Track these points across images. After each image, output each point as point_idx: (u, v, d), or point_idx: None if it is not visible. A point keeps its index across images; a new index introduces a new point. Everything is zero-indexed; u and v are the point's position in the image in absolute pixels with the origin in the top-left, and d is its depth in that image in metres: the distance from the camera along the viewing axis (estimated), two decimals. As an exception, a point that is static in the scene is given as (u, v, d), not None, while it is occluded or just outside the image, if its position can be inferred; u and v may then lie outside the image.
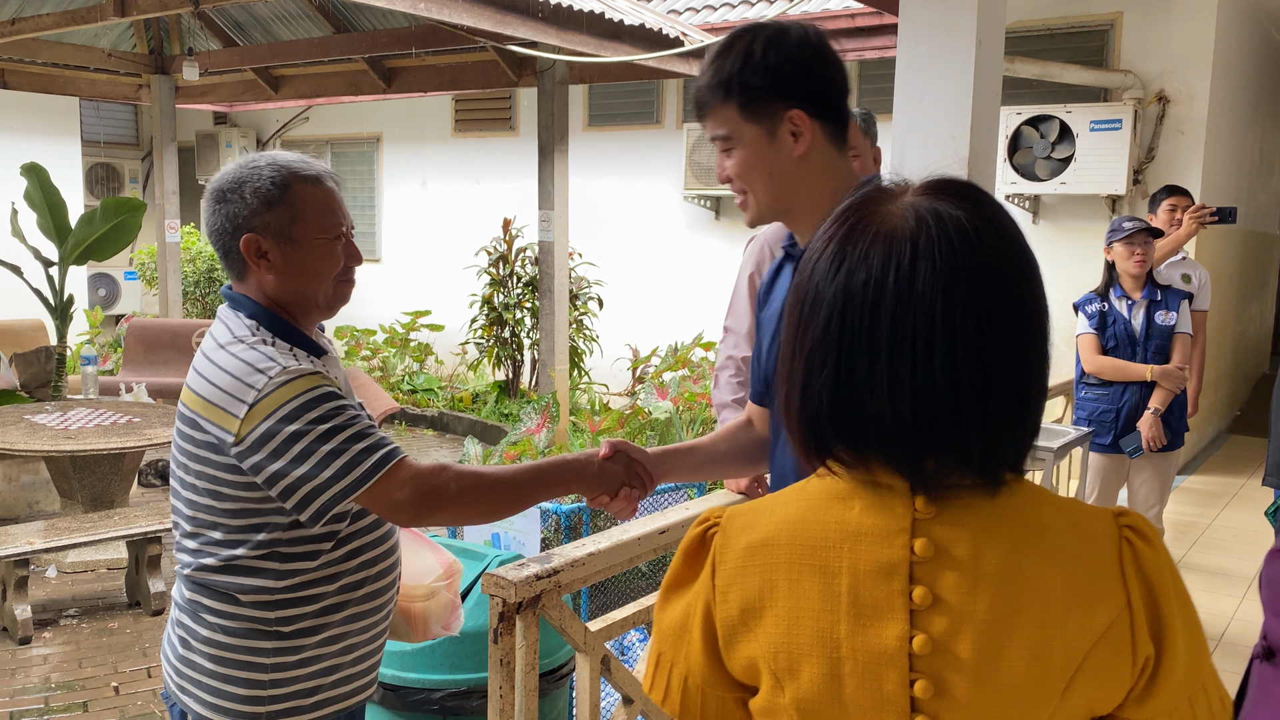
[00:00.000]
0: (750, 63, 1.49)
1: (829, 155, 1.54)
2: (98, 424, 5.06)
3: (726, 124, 1.52)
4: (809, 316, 0.92)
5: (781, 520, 0.94)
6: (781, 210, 1.57)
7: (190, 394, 1.57)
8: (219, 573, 1.58)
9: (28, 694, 3.83)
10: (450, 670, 2.45)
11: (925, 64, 3.52)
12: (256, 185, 1.59)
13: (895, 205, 0.91)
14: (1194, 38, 6.77)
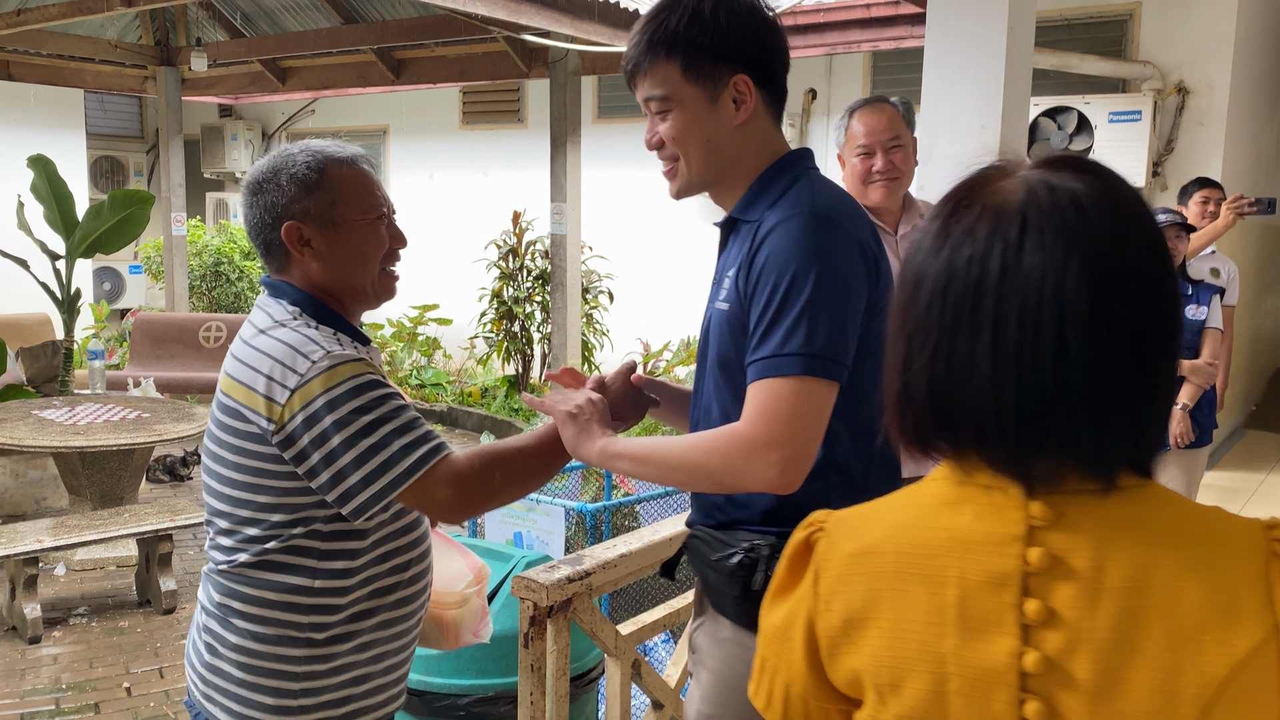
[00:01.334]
0: (699, 20, 1.42)
1: (766, 127, 1.48)
2: (106, 419, 4.99)
3: (666, 84, 1.44)
4: (912, 297, 0.87)
5: (889, 526, 0.89)
6: (711, 180, 1.50)
7: (229, 381, 1.50)
8: (254, 569, 1.51)
9: (38, 695, 3.76)
10: (477, 675, 2.38)
11: (955, 51, 3.44)
12: (292, 172, 1.54)
13: (1007, 180, 0.85)
14: (1214, 28, 6.68)
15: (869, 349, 1.38)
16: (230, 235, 10.12)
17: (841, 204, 1.42)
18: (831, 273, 1.33)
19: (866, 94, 8.15)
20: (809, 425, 1.31)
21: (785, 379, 1.31)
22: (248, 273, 9.94)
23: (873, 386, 1.44)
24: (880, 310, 1.41)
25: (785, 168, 1.47)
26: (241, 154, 11.33)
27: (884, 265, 1.43)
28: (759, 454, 1.30)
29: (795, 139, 8.25)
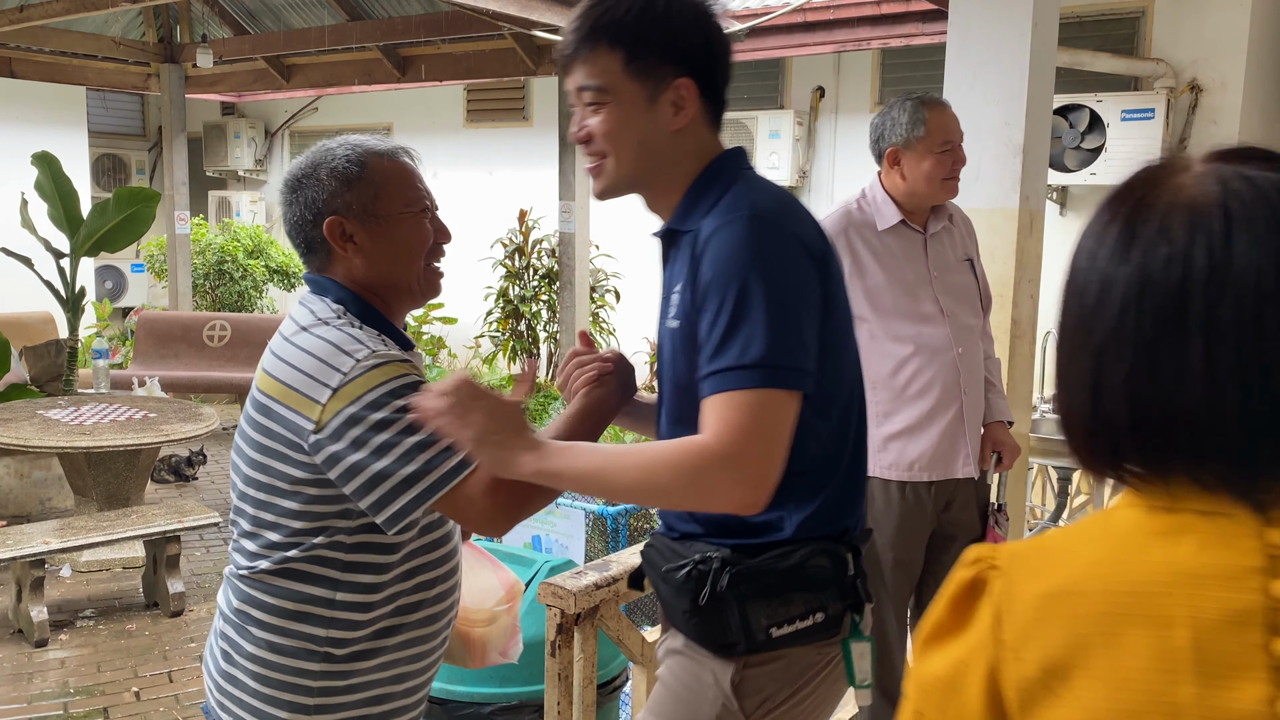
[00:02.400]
0: (650, 14, 1.35)
1: (704, 135, 1.42)
2: (112, 419, 4.94)
3: (604, 75, 1.35)
4: (1095, 308, 0.78)
5: (1087, 563, 0.78)
6: (639, 184, 1.43)
7: (267, 379, 1.45)
8: (274, 576, 1.46)
9: (46, 699, 3.71)
10: (500, 683, 2.32)
11: (978, 47, 3.39)
12: (333, 166, 1.49)
13: (1185, 176, 0.78)
14: (1227, 25, 6.63)
15: (827, 348, 1.34)
16: (233, 234, 10.06)
17: (781, 204, 1.36)
18: (781, 276, 1.27)
19: (876, 93, 8.12)
20: (776, 440, 1.24)
21: (748, 392, 1.23)
22: (251, 271, 9.88)
23: (833, 385, 1.38)
24: (834, 308, 1.36)
25: (719, 172, 1.40)
26: (244, 152, 11.28)
27: (833, 262, 1.38)
28: (726, 471, 1.22)
29: (803, 137, 8.19)
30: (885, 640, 2.70)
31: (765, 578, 1.34)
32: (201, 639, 4.24)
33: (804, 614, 1.37)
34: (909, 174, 2.56)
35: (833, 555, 1.39)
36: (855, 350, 1.46)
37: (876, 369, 2.55)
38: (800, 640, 1.39)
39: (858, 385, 1.46)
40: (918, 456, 2.56)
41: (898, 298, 2.54)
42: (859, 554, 1.44)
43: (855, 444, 1.45)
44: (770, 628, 1.35)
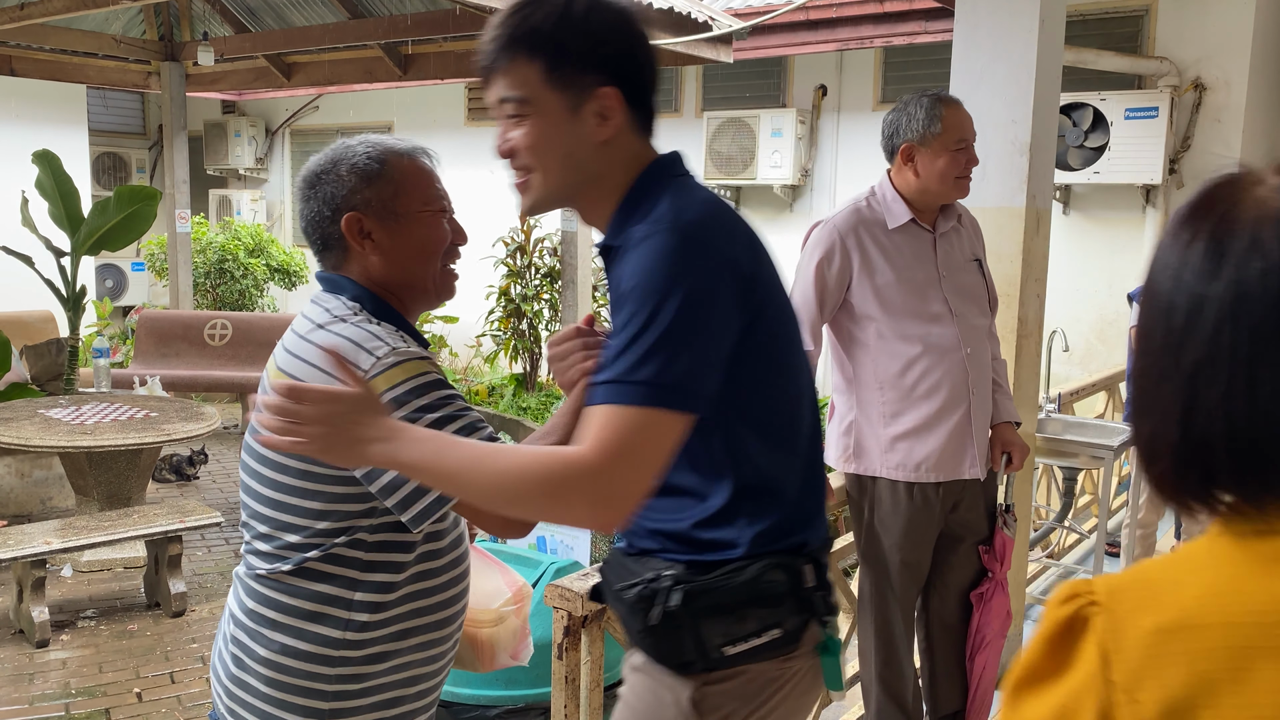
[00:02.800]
0: (568, 21, 1.29)
1: (633, 145, 1.36)
2: (114, 419, 4.92)
3: (524, 86, 1.30)
4: (1186, 328, 0.75)
5: (1200, 594, 0.74)
6: (568, 198, 1.38)
7: (281, 377, 1.43)
8: (293, 576, 1.43)
9: (47, 700, 3.69)
10: (506, 686, 2.31)
11: (985, 44, 3.37)
12: (353, 162, 1.49)
13: (1263, 189, 0.75)
14: (1231, 23, 6.61)
15: (758, 365, 1.30)
16: (234, 232, 10.05)
17: (711, 215, 1.30)
18: (693, 295, 1.21)
19: (878, 92, 8.10)
20: (647, 461, 1.19)
21: (629, 408, 1.18)
22: (252, 270, 9.86)
23: (771, 402, 1.33)
24: (763, 324, 1.30)
25: (650, 181, 1.35)
26: (245, 150, 11.26)
27: (762, 277, 1.31)
28: (588, 487, 1.17)
29: (805, 136, 8.17)
30: (892, 641, 2.68)
31: (717, 595, 1.31)
32: (204, 639, 4.23)
33: (758, 630, 1.33)
34: (923, 171, 2.53)
35: (788, 569, 1.35)
36: (803, 363, 1.42)
37: (884, 368, 2.54)
38: (758, 656, 1.35)
39: (806, 398, 1.42)
40: (925, 457, 2.55)
41: (906, 297, 2.52)
42: (821, 566, 1.40)
43: (809, 457, 1.41)
44: (724, 645, 1.32)
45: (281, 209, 11.57)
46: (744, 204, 8.77)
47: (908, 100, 2.58)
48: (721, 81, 8.69)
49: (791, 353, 1.38)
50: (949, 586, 2.72)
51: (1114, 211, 7.13)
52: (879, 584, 2.66)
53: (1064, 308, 6.62)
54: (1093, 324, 7.23)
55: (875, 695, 2.73)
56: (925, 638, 2.79)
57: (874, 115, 8.04)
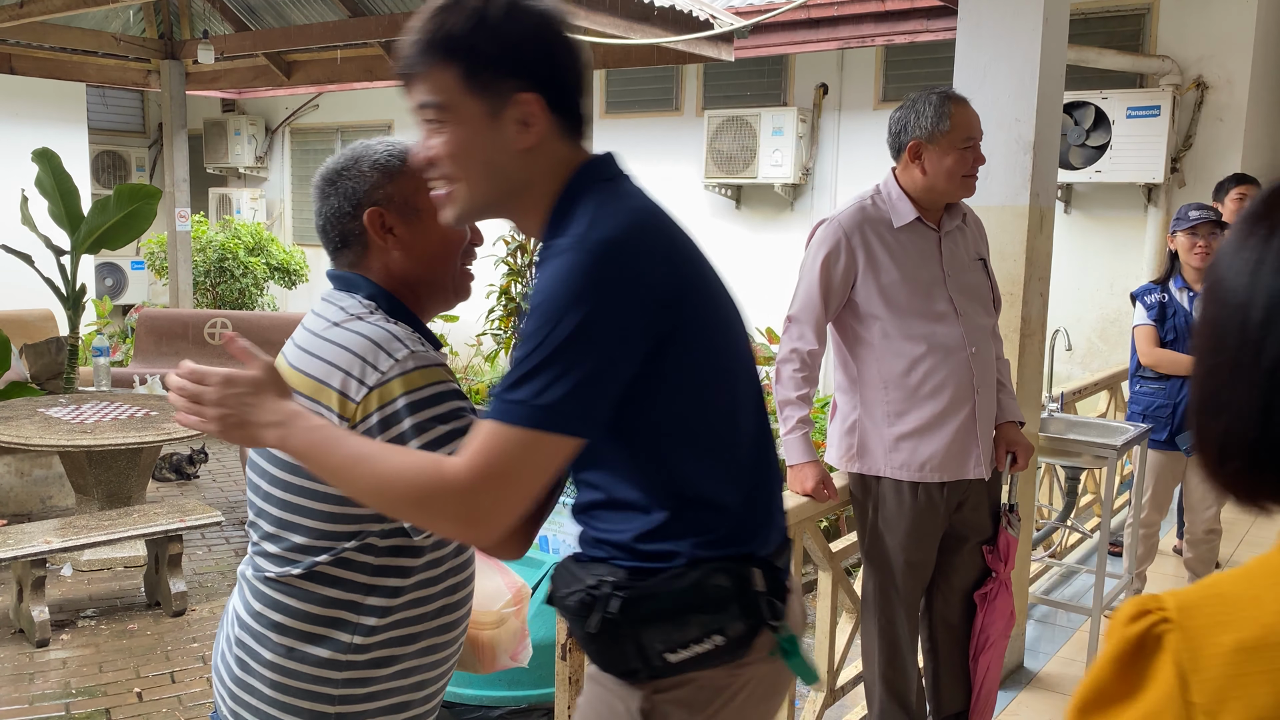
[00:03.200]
0: (484, 25, 1.25)
1: (561, 151, 1.31)
2: (114, 417, 4.91)
3: (443, 92, 1.26)
4: (1265, 326, 0.74)
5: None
6: (494, 207, 1.33)
7: (295, 374, 1.40)
8: (303, 580, 1.41)
9: (47, 700, 3.68)
10: (509, 686, 2.30)
11: (989, 43, 3.36)
12: (375, 159, 1.48)
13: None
14: (1233, 22, 6.60)
15: (688, 378, 1.26)
16: (234, 231, 10.03)
17: (629, 230, 1.24)
18: (594, 318, 1.17)
19: (880, 90, 8.09)
20: (520, 483, 1.18)
21: (510, 427, 1.17)
22: (252, 269, 9.85)
23: (701, 416, 1.28)
24: (687, 337, 1.25)
25: (578, 189, 1.30)
26: (244, 149, 11.24)
27: (686, 291, 1.26)
28: (455, 500, 1.18)
29: (806, 134, 8.16)
30: (896, 642, 2.67)
31: (657, 601, 1.28)
32: (204, 639, 4.22)
33: (700, 637, 1.29)
34: (930, 168, 2.51)
35: (732, 574, 1.30)
36: (742, 370, 1.36)
37: (889, 368, 2.53)
38: (706, 663, 1.31)
39: (745, 407, 1.36)
40: (929, 457, 2.53)
41: (912, 296, 2.51)
42: (775, 569, 1.36)
43: (755, 463, 1.37)
44: (665, 652, 1.28)
45: (281, 207, 11.55)
46: (745, 203, 8.75)
47: (916, 97, 2.56)
48: (722, 80, 8.68)
49: (727, 363, 1.33)
50: (953, 586, 2.71)
51: (1115, 210, 7.12)
52: (883, 584, 2.65)
53: (1065, 307, 6.61)
54: (1094, 323, 7.22)
55: (878, 695, 2.72)
56: (929, 638, 2.78)
57: (875, 114, 8.03)
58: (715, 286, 1.35)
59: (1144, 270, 6.96)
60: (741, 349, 1.37)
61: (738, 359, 1.36)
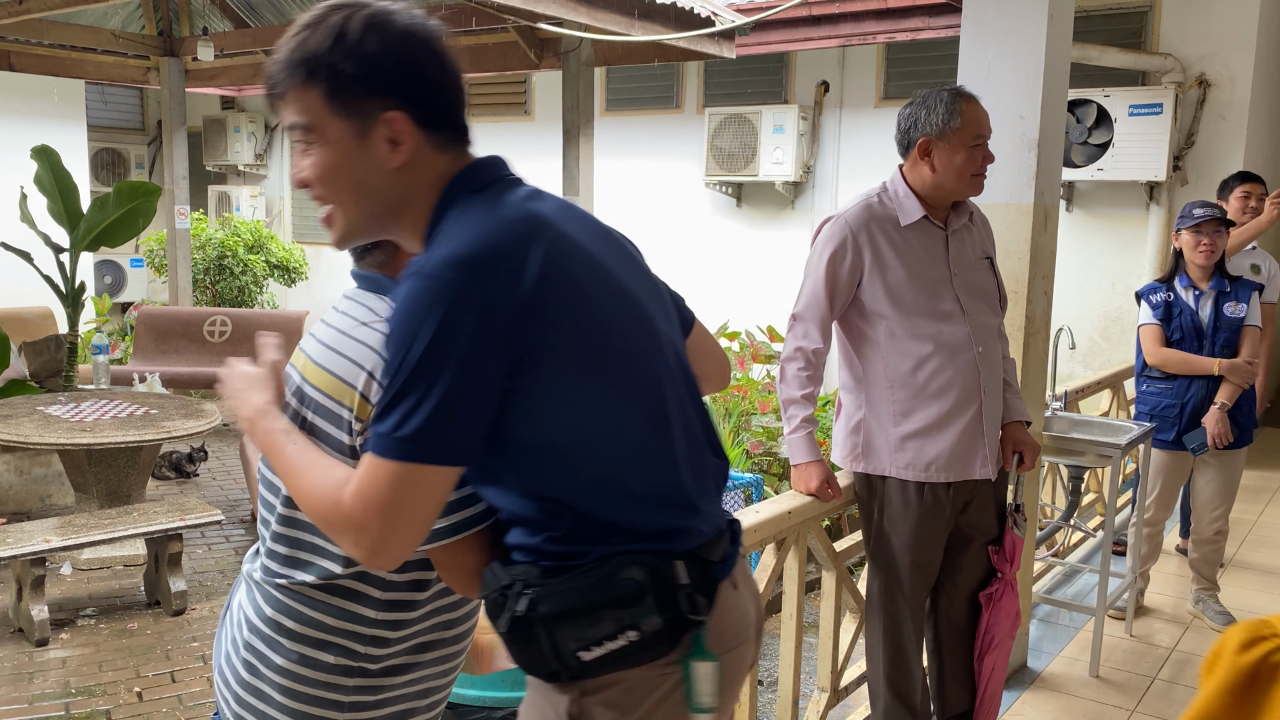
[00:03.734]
0: (343, 44, 1.21)
1: (437, 165, 1.26)
2: (114, 416, 4.89)
3: (309, 113, 1.23)
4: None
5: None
6: (375, 229, 1.30)
7: (318, 371, 1.37)
8: (316, 589, 1.38)
9: (47, 699, 3.67)
10: (512, 687, 2.28)
11: (993, 39, 3.34)
12: None
13: None
14: (1236, 19, 6.58)
15: (566, 391, 1.21)
16: (234, 228, 10.01)
17: (480, 243, 1.18)
18: (439, 343, 1.14)
19: (881, 88, 8.07)
20: (401, 514, 1.17)
21: (384, 461, 1.16)
22: (251, 266, 9.83)
23: (580, 433, 1.22)
24: (556, 351, 1.20)
25: (445, 205, 1.26)
26: (244, 146, 11.22)
27: (551, 303, 1.19)
28: (348, 531, 1.19)
29: (807, 132, 8.14)
30: (901, 643, 2.66)
31: (566, 597, 1.23)
32: (204, 638, 4.20)
33: (613, 633, 1.23)
34: (940, 166, 2.49)
35: (649, 567, 1.24)
36: (641, 371, 1.29)
37: (895, 367, 2.51)
38: (626, 662, 1.25)
39: (645, 408, 1.29)
40: (935, 457, 2.52)
41: (918, 295, 2.49)
42: (703, 561, 1.30)
43: (677, 462, 1.31)
44: (579, 650, 1.23)
45: (281, 205, 11.53)
46: (745, 201, 8.74)
47: (927, 94, 2.53)
48: (723, 77, 8.66)
49: (618, 368, 1.26)
50: (958, 587, 2.70)
51: (1117, 209, 7.11)
52: (888, 585, 2.63)
53: (1067, 305, 6.59)
54: (1095, 321, 7.21)
55: (883, 696, 2.70)
56: (934, 638, 2.77)
57: (876, 112, 8.01)
58: (608, 291, 1.28)
59: (1146, 268, 6.95)
60: (634, 353, 1.29)
61: (643, 359, 1.30)
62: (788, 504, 2.64)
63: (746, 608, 1.39)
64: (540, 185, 1.35)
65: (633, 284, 1.34)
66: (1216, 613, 4.00)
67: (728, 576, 1.36)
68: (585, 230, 1.32)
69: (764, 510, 2.57)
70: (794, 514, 2.62)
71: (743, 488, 4.43)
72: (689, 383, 1.40)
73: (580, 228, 1.31)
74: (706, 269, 8.79)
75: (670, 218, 9.01)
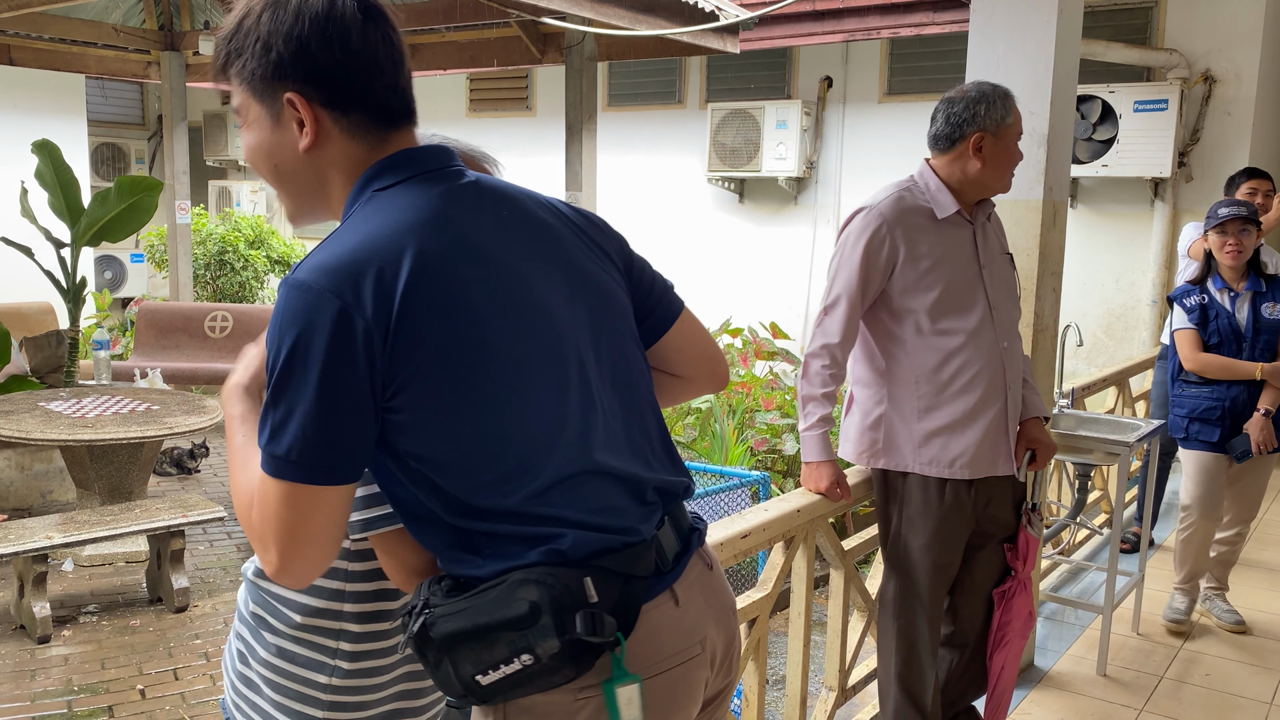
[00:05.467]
0: (243, 27, 1.21)
1: (352, 153, 1.22)
2: (115, 412, 4.87)
3: (236, 96, 1.24)
4: None
5: None
6: (306, 212, 1.28)
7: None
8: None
9: (50, 697, 3.65)
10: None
11: (1002, 35, 3.32)
12: None
13: None
14: (1241, 15, 6.55)
15: (446, 409, 1.14)
16: (234, 224, 9.98)
17: (349, 252, 1.12)
18: (296, 357, 1.09)
19: (884, 83, 8.04)
20: (297, 532, 1.12)
21: (270, 480, 1.12)
22: (252, 262, 9.80)
23: (470, 443, 1.15)
24: (418, 363, 1.12)
25: (354, 199, 1.22)
26: (245, 141, 11.19)
27: (420, 314, 1.12)
28: (259, 544, 1.15)
29: (810, 128, 8.11)
30: (915, 644, 2.63)
31: (460, 617, 1.16)
32: (207, 635, 4.18)
33: (508, 657, 1.14)
34: (989, 161, 2.49)
35: (546, 584, 1.15)
36: (535, 383, 1.20)
37: (922, 361, 2.49)
38: (527, 687, 1.17)
39: (540, 422, 1.20)
40: (960, 453, 2.49)
41: (950, 289, 2.48)
42: (615, 577, 1.20)
43: (589, 472, 1.23)
44: (476, 675, 1.15)
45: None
46: (748, 196, 8.71)
47: (978, 93, 2.52)
48: (726, 73, 8.63)
49: (505, 381, 1.18)
50: (975, 584, 2.68)
51: (1122, 205, 7.08)
52: (905, 584, 2.61)
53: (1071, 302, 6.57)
54: (1100, 318, 7.19)
55: (893, 695, 2.69)
56: (947, 635, 2.75)
57: (880, 107, 7.99)
58: (504, 301, 1.19)
59: (1150, 265, 6.93)
60: (524, 365, 1.20)
61: (523, 375, 1.20)
62: (797, 502, 2.62)
63: (694, 625, 1.29)
64: (482, 176, 1.29)
65: (546, 288, 1.24)
66: (1224, 611, 3.98)
67: (664, 591, 1.26)
68: (501, 228, 1.23)
69: (773, 508, 2.55)
70: (803, 512, 2.60)
71: (749, 485, 4.41)
72: (625, 388, 1.31)
73: (494, 225, 1.23)
74: (709, 265, 8.76)
75: (673, 214, 8.98)
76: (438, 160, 1.25)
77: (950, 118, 2.53)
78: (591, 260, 1.33)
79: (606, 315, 1.31)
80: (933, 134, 2.57)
